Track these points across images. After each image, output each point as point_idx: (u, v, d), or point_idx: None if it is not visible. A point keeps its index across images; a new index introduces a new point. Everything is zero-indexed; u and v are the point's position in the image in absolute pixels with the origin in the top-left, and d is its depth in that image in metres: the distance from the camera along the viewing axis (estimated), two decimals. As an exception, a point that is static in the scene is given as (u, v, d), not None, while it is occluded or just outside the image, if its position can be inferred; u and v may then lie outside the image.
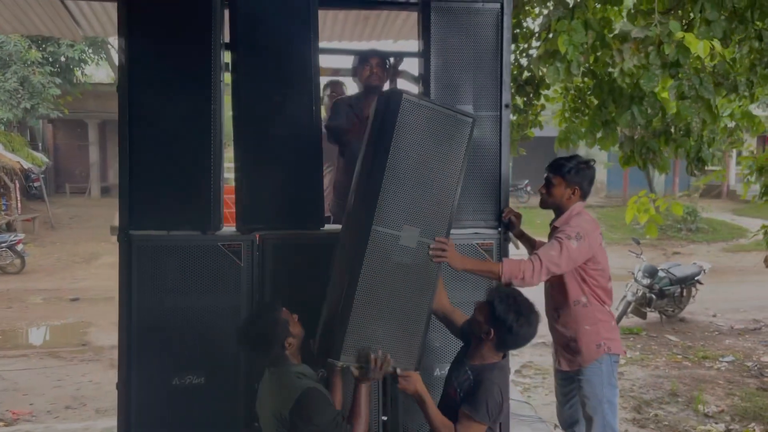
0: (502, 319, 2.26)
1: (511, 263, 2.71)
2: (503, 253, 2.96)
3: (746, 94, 3.63)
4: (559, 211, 2.97)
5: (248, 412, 2.79)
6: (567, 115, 4.45)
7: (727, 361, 7.25)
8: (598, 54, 3.86)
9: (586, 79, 4.14)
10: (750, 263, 12.86)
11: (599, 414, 2.93)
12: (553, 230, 2.95)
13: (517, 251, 3.08)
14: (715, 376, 6.83)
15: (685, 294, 8.81)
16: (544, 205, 3.05)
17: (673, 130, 3.79)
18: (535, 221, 10.27)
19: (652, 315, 8.55)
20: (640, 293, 8.28)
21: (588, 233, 2.83)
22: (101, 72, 24.86)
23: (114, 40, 17.25)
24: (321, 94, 3.71)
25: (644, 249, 9.34)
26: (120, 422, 2.75)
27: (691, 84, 3.11)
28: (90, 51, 17.21)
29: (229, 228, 2.90)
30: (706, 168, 3.71)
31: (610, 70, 3.83)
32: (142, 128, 2.75)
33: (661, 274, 8.50)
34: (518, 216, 3.08)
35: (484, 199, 2.95)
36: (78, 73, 17.58)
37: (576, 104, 4.31)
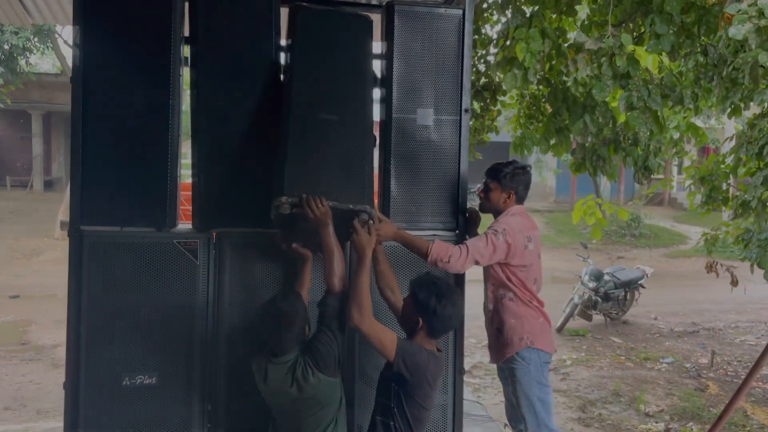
0: (426, 305, 2.32)
1: (440, 245, 2.77)
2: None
3: (691, 106, 3.79)
4: (497, 214, 3.10)
5: (203, 412, 2.76)
6: (522, 121, 4.56)
7: (667, 363, 7.53)
8: (553, 63, 3.97)
9: (541, 87, 4.24)
10: (689, 269, 13.39)
11: (531, 413, 3.05)
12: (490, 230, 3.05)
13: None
14: (655, 376, 7.09)
15: (628, 297, 9.11)
16: (482, 209, 3.18)
17: (621, 139, 3.92)
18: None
19: (597, 317, 8.81)
20: (586, 296, 8.51)
21: (514, 232, 2.94)
22: (46, 62, 23.95)
23: (63, 30, 16.70)
24: None
25: (590, 253, 9.62)
26: (66, 423, 2.67)
27: (640, 95, 3.24)
28: (35, 39, 16.54)
29: (184, 225, 2.85)
30: (651, 176, 3.86)
31: (565, 78, 3.94)
32: (96, 120, 2.67)
33: (606, 277, 8.76)
34: (478, 216, 3.16)
35: (443, 202, 2.99)
36: (22, 62, 16.88)
37: (531, 111, 4.41)
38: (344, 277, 2.55)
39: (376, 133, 2.96)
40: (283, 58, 2.84)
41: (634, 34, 3.94)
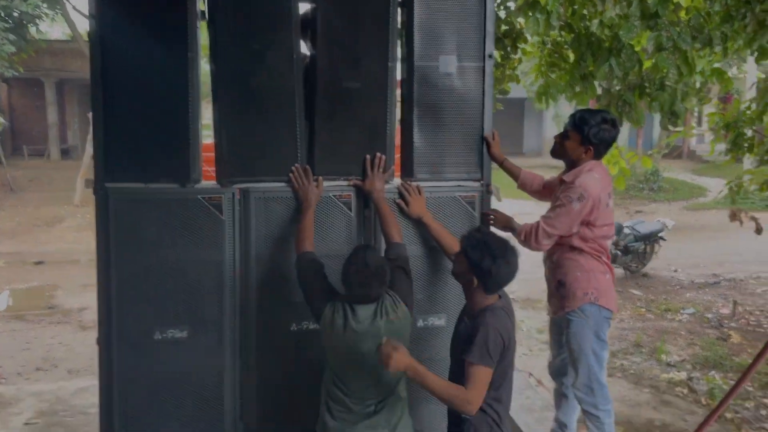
0: (479, 266, 2.26)
1: (525, 225, 2.83)
2: (485, 206, 2.97)
3: (718, 48, 3.66)
4: (570, 164, 2.96)
5: (234, 362, 2.80)
6: (543, 69, 4.46)
7: (688, 314, 7.52)
8: (575, 7, 3.85)
9: (563, 33, 4.13)
10: (709, 221, 13.26)
11: (584, 365, 2.95)
12: (561, 183, 2.96)
13: (499, 204, 3.11)
14: (677, 327, 7.09)
15: (648, 250, 9.06)
16: (554, 154, 3.02)
17: (647, 84, 3.82)
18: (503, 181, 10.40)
19: (617, 271, 8.79)
20: (606, 250, 8.46)
21: (593, 194, 2.82)
22: (56, 29, 23.83)
23: (70, -6, 16.51)
24: None
25: (610, 207, 9.54)
26: (101, 377, 2.72)
27: (669, 35, 3.13)
28: (45, 6, 16.42)
29: (209, 182, 2.84)
30: (677, 122, 3.77)
31: (588, 23, 3.82)
32: (115, 79, 2.65)
33: (626, 231, 8.71)
34: (495, 138, 2.97)
35: (467, 151, 2.94)
36: (32, 30, 16.79)
37: (553, 59, 4.31)
38: (400, 229, 2.73)
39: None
40: (302, 8, 2.78)
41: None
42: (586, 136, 2.87)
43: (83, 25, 17.50)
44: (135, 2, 2.65)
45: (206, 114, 2.95)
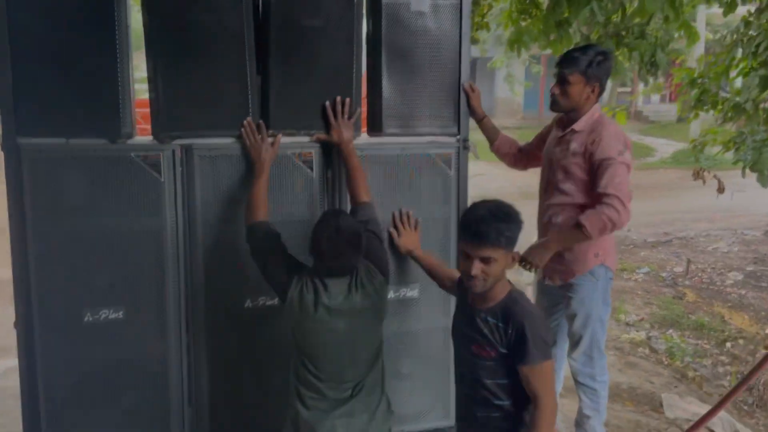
0: (515, 240, 1.95)
1: (589, 217, 2.49)
2: (462, 165, 2.66)
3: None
4: (574, 113, 2.67)
5: (180, 345, 2.45)
6: (514, 16, 4.14)
7: (643, 273, 7.55)
8: (550, -53, 3.54)
9: (535, -24, 3.82)
10: (658, 180, 13.43)
11: (588, 332, 2.74)
12: (572, 134, 2.66)
13: (475, 163, 2.80)
14: (633, 287, 7.10)
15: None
16: (556, 107, 2.71)
17: (624, 33, 3.57)
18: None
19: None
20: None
21: (628, 141, 2.60)
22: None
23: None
24: None
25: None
26: (22, 366, 2.33)
27: (658, -23, 2.87)
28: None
29: (144, 138, 2.43)
30: (657, 73, 3.55)
31: (563, -35, 3.52)
32: (24, 12, 2.18)
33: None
34: (475, 90, 2.69)
35: (441, 103, 2.61)
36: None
37: (524, 4, 4.00)
38: (368, 188, 2.39)
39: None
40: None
41: None
42: (589, 74, 2.60)
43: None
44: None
45: (141, 66, 2.51)
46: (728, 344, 5.79)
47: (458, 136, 2.67)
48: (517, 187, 9.17)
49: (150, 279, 2.39)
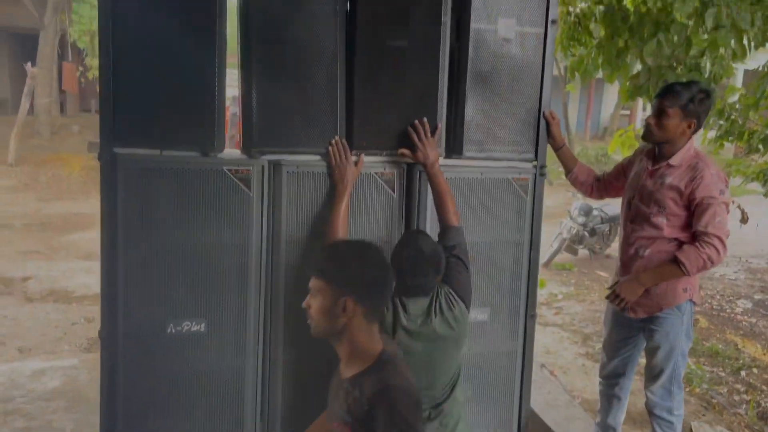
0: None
1: (688, 254, 2.54)
2: (538, 191, 2.69)
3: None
4: (667, 146, 2.71)
5: (257, 362, 2.45)
6: (564, 44, 4.20)
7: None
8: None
9: (589, 4, 3.87)
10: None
11: (670, 365, 2.77)
12: (668, 168, 2.70)
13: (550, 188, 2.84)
14: (648, 311, 7.14)
15: (612, 232, 9.12)
16: (650, 137, 2.74)
17: (676, 64, 3.63)
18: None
19: (582, 252, 8.81)
20: (574, 231, 8.47)
21: (727, 180, 2.65)
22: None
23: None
24: None
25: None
26: (103, 375, 2.31)
27: (729, 12, 2.92)
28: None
29: (233, 151, 2.44)
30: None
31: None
32: (127, 27, 2.18)
33: (595, 212, 8.71)
34: (555, 118, 2.71)
35: (521, 128, 2.65)
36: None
37: (575, 32, 4.05)
38: (458, 213, 2.40)
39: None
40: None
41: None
42: (689, 110, 2.64)
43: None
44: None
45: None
46: (743, 372, 5.85)
47: (535, 162, 2.70)
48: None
49: (233, 293, 2.39)
